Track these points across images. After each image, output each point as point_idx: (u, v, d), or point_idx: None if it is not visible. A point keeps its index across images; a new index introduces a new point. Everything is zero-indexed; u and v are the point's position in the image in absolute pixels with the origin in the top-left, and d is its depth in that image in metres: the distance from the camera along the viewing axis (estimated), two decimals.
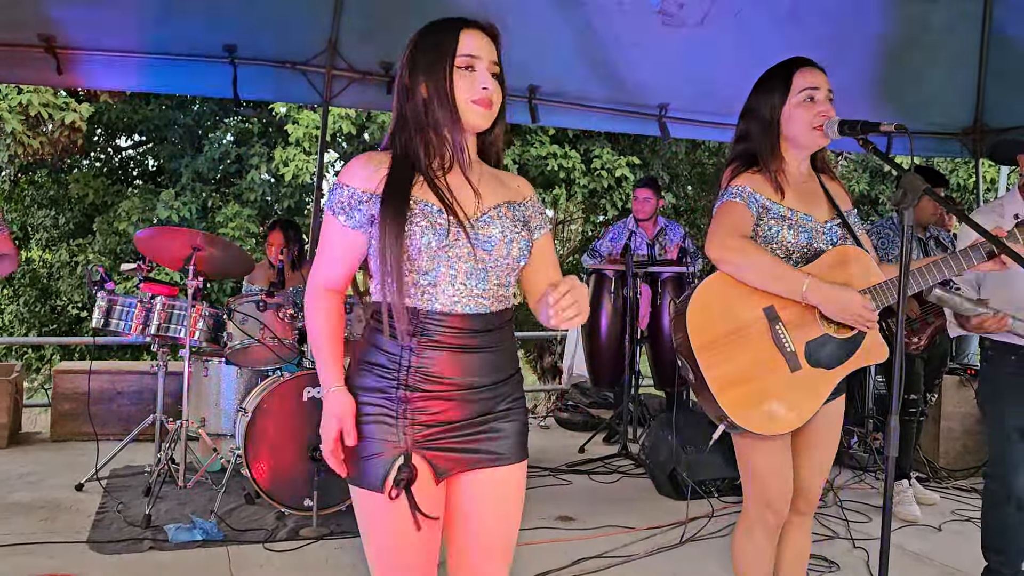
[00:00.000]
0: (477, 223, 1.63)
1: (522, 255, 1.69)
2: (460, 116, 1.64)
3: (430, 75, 1.64)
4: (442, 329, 1.61)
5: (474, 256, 1.61)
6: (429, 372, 1.61)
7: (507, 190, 1.75)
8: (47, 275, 10.79)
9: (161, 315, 4.05)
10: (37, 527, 3.58)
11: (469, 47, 1.64)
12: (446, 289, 1.61)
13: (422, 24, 1.76)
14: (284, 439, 3.64)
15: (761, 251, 2.10)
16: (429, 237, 1.57)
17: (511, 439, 1.71)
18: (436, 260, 1.59)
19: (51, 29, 4.70)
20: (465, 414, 1.65)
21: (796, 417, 2.12)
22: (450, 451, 1.64)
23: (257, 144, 9.42)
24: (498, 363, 1.69)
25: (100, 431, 4.87)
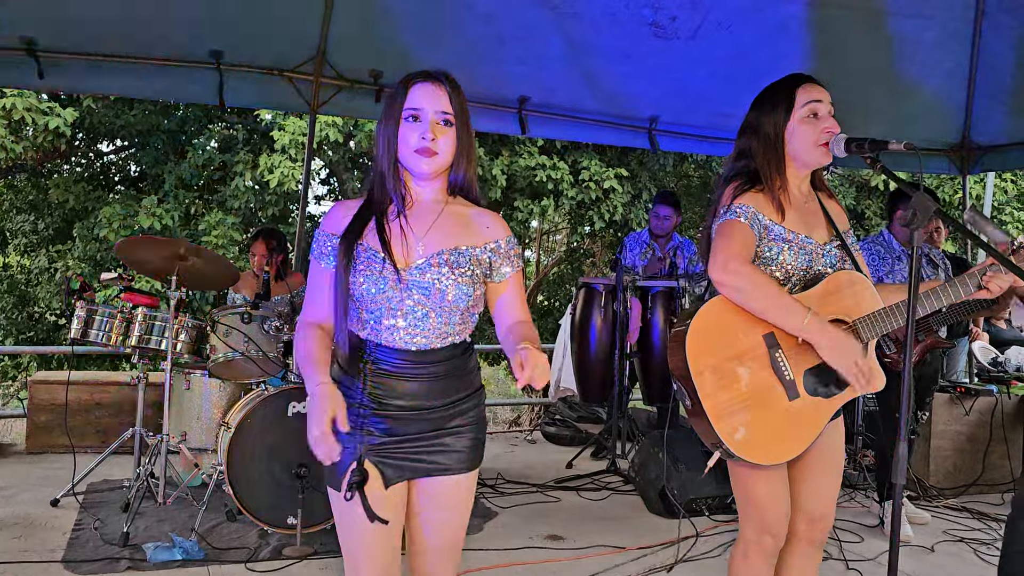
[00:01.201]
0: (414, 270, 1.81)
1: (460, 299, 1.83)
2: (403, 164, 1.84)
3: (385, 126, 1.84)
4: (390, 360, 1.83)
5: (414, 299, 1.80)
6: (380, 395, 1.83)
7: (465, 234, 1.87)
8: (25, 281, 10.61)
9: (142, 326, 3.97)
10: (10, 545, 3.47)
11: (414, 100, 1.81)
12: (389, 327, 1.81)
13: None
14: (268, 455, 3.55)
15: (766, 279, 2.05)
16: (370, 283, 1.79)
17: (460, 453, 1.89)
18: (377, 302, 1.80)
19: (33, 31, 4.61)
20: (412, 431, 1.85)
21: (793, 447, 2.07)
22: (399, 460, 1.85)
23: (242, 151, 9.31)
24: (448, 388, 1.87)
25: (77, 444, 4.76)
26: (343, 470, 1.82)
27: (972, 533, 4.19)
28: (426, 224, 1.85)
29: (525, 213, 10.10)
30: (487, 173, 9.29)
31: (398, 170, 1.85)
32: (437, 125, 1.80)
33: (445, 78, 1.84)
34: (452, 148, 1.83)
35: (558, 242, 15.00)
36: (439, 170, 1.84)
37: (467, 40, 5.16)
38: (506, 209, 10.39)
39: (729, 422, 2.02)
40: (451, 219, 1.87)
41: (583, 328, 5.24)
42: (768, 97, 2.24)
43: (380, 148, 1.85)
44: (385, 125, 1.84)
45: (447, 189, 1.90)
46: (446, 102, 1.82)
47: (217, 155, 9.69)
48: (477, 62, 5.27)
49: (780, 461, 2.09)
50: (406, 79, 1.85)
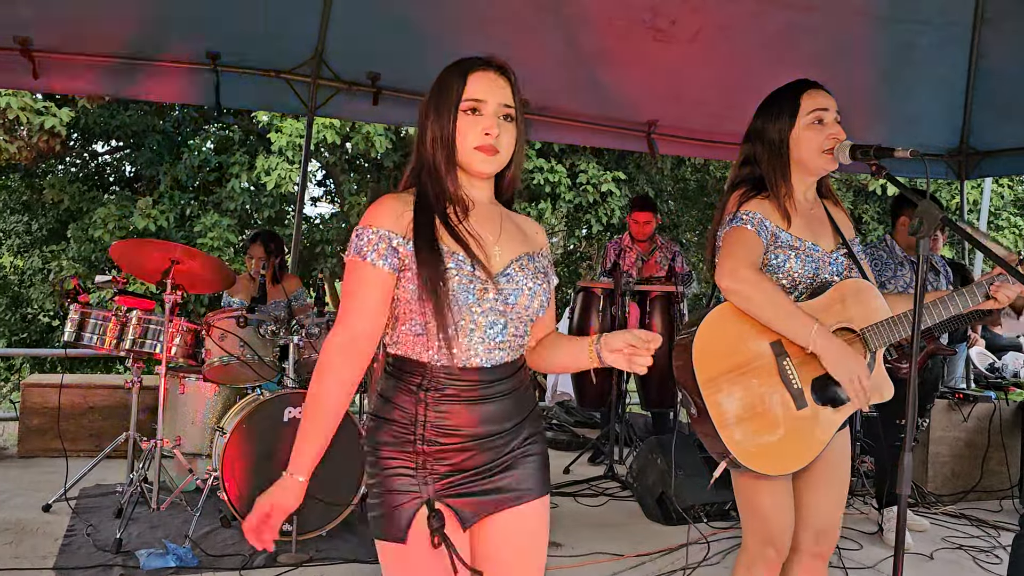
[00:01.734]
0: (502, 276, 1.62)
1: (542, 307, 1.67)
2: (460, 163, 1.63)
3: (437, 119, 1.62)
4: (456, 382, 1.59)
5: (496, 309, 1.60)
6: (444, 426, 1.59)
7: (525, 239, 1.72)
8: (18, 282, 10.56)
9: (136, 329, 3.92)
10: (1, 552, 3.42)
11: (474, 90, 1.61)
12: (463, 342, 1.58)
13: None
14: (263, 460, 3.51)
15: (775, 287, 2.02)
16: (463, 290, 1.56)
17: (531, 474, 1.68)
18: (461, 313, 1.57)
19: (27, 31, 4.57)
20: (484, 460, 1.63)
21: (801, 456, 2.05)
22: (472, 495, 1.62)
23: (238, 152, 9.28)
24: (514, 408, 1.66)
25: (70, 447, 4.72)
26: (405, 517, 1.56)
27: (971, 540, 4.17)
28: (494, 228, 1.67)
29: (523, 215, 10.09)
30: None
31: (455, 167, 1.64)
32: (499, 120, 1.61)
33: (508, 68, 1.65)
34: (512, 147, 1.64)
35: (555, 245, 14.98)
36: (498, 169, 1.66)
37: (465, 42, 5.14)
38: None
39: (736, 431, 1.99)
40: (511, 223, 1.71)
41: (580, 332, 5.22)
42: (773, 103, 2.22)
43: (430, 142, 1.63)
44: (437, 115, 1.62)
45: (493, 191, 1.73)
46: (508, 95, 1.63)
47: (213, 156, 9.66)
48: None
49: (788, 471, 2.06)
50: (463, 65, 1.64)
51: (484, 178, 1.67)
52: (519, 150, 1.68)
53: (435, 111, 1.63)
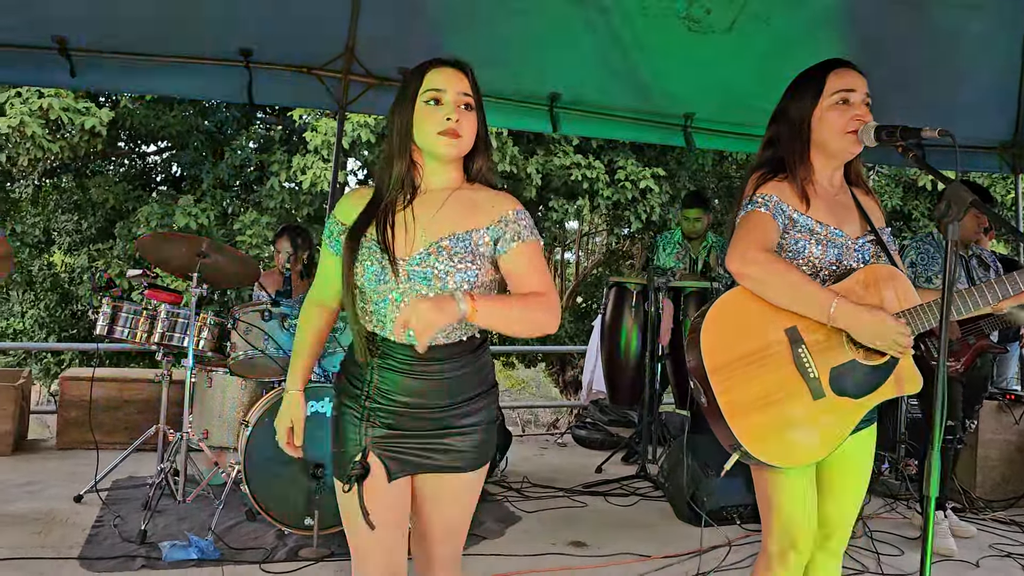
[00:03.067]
0: (412, 260, 1.76)
1: (460, 287, 1.75)
2: (417, 149, 1.79)
3: (399, 113, 1.79)
4: (395, 355, 1.80)
5: (413, 291, 1.76)
6: (385, 390, 1.81)
7: (471, 216, 1.80)
8: (68, 279, 10.81)
9: (165, 323, 3.95)
10: (29, 540, 3.47)
11: (434, 81, 1.77)
12: (392, 319, 1.78)
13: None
14: (285, 455, 3.47)
15: (787, 266, 1.92)
16: (371, 274, 1.77)
17: (465, 453, 1.85)
18: (379, 294, 1.78)
19: (64, 30, 4.64)
20: (416, 427, 1.82)
21: (817, 449, 1.94)
22: (401, 455, 1.83)
23: (278, 151, 9.36)
24: (455, 387, 1.83)
25: (106, 440, 4.80)
26: (349, 459, 1.83)
27: (1020, 548, 3.98)
28: (431, 211, 1.80)
29: (560, 213, 9.99)
30: (522, 172, 9.20)
31: (411, 157, 1.81)
32: (459, 108, 1.76)
33: (464, 64, 1.81)
34: (474, 132, 1.79)
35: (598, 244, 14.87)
36: (462, 153, 1.80)
37: (497, 35, 5.07)
38: (541, 209, 10.29)
39: (747, 421, 1.90)
40: (458, 204, 1.82)
41: (613, 329, 5.12)
42: (799, 83, 2.13)
43: (393, 132, 1.81)
44: (400, 110, 1.79)
45: (464, 176, 1.86)
46: (467, 85, 1.78)
47: (254, 156, 9.76)
48: (507, 58, 5.17)
49: (802, 463, 1.96)
50: (422, 65, 1.81)
51: (444, 162, 1.80)
52: (483, 136, 1.83)
53: (398, 106, 1.80)
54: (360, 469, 1.79)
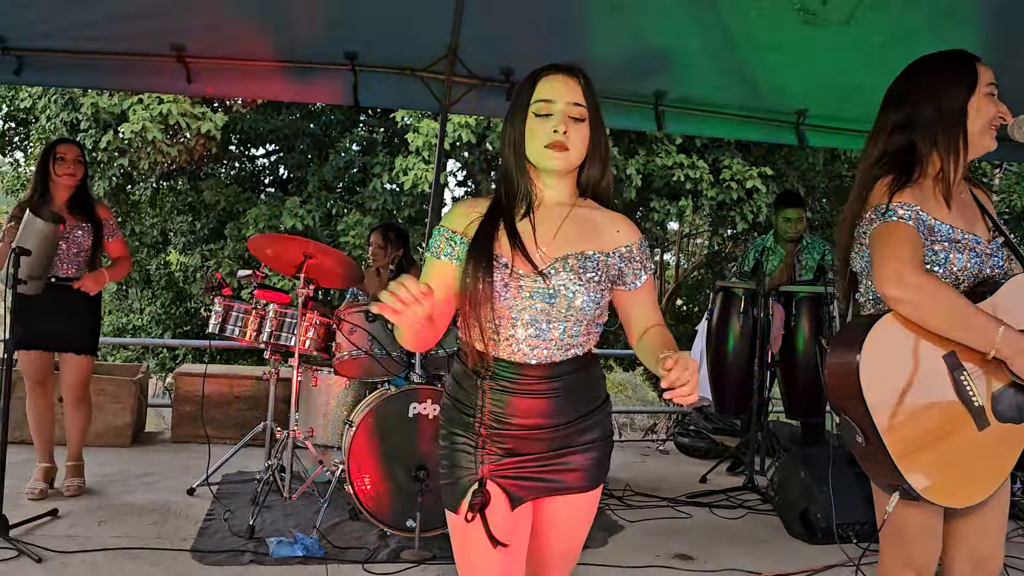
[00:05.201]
0: (538, 276, 1.69)
1: (587, 307, 1.70)
2: (530, 162, 1.73)
3: (511, 125, 1.74)
4: (509, 375, 1.72)
5: (536, 307, 1.68)
6: (500, 413, 1.73)
7: (592, 238, 1.75)
8: (182, 278, 11.29)
9: (273, 323, 4.03)
10: (147, 531, 3.59)
11: (544, 92, 1.70)
12: (509, 338, 1.71)
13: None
14: (388, 455, 3.50)
15: (948, 289, 1.75)
16: (501, 288, 1.68)
17: (583, 471, 1.78)
18: (501, 310, 1.70)
19: (182, 39, 4.81)
20: (535, 450, 1.75)
21: (987, 485, 1.77)
22: (522, 480, 1.75)
23: (380, 153, 9.52)
24: (569, 404, 1.75)
25: (217, 435, 4.94)
26: (462, 491, 1.74)
27: None
28: (552, 226, 1.74)
29: (661, 214, 9.79)
30: (621, 172, 9.05)
31: (526, 168, 1.75)
32: (569, 119, 1.69)
33: (577, 71, 1.74)
34: (584, 144, 1.72)
35: (699, 245, 14.54)
36: (570, 167, 1.73)
37: (600, 33, 4.98)
38: (641, 210, 10.11)
39: (915, 460, 1.74)
40: (578, 222, 1.76)
41: (720, 335, 4.94)
42: (942, 67, 1.93)
43: (506, 145, 1.76)
44: (512, 120, 1.74)
45: (577, 190, 1.79)
46: (579, 94, 1.71)
47: (358, 158, 9.96)
48: (610, 56, 5.07)
49: (973, 503, 1.79)
50: (535, 72, 1.75)
51: (557, 176, 1.74)
52: (596, 148, 1.74)
53: (510, 118, 1.75)
54: (483, 499, 1.70)
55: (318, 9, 4.74)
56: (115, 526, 3.62)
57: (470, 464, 1.74)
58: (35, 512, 3.60)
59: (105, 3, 4.44)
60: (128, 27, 4.63)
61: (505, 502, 1.74)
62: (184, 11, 4.60)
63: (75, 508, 3.82)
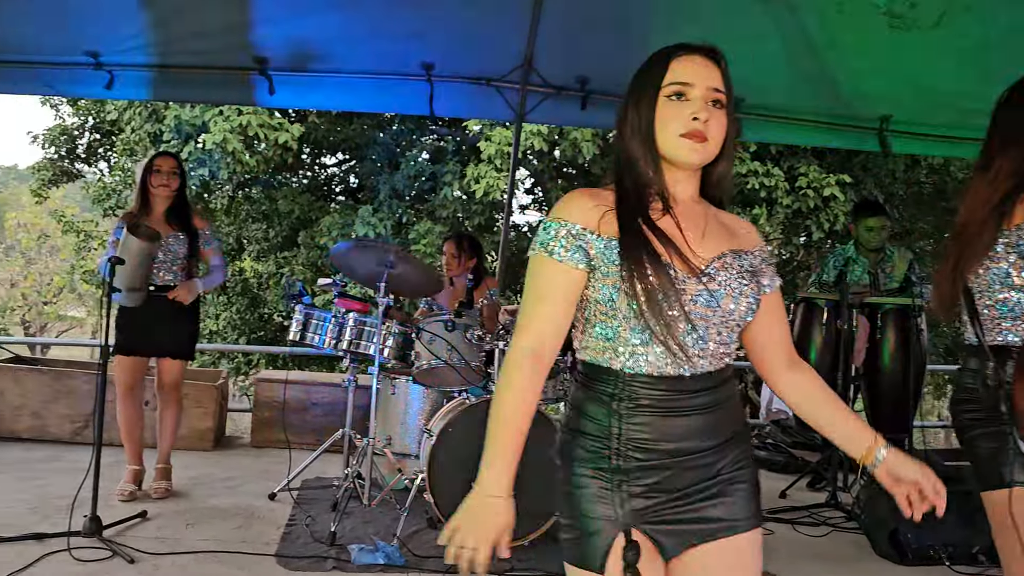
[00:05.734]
0: (703, 275, 1.46)
1: (749, 311, 1.50)
2: (663, 154, 1.49)
3: (636, 108, 1.50)
4: (651, 391, 1.45)
5: (697, 312, 1.44)
6: (640, 439, 1.45)
7: (733, 237, 1.55)
8: (257, 285, 11.55)
9: (353, 331, 4.07)
10: (232, 535, 3.66)
11: (679, 73, 1.47)
12: (656, 348, 1.44)
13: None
14: (468, 464, 3.48)
15: None
16: (655, 292, 1.40)
17: (742, 503, 1.50)
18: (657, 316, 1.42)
19: (265, 52, 4.93)
20: (686, 482, 1.47)
21: None
22: (674, 523, 1.47)
23: (451, 162, 9.62)
24: (718, 424, 1.49)
25: (294, 440, 5.03)
26: (599, 545, 1.45)
27: None
28: (698, 224, 1.51)
29: None
30: None
31: (659, 160, 1.50)
32: (708, 105, 1.46)
33: (717, 52, 1.52)
34: (722, 135, 1.49)
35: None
36: (707, 160, 1.50)
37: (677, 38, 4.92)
38: None
39: None
40: (716, 222, 1.55)
41: (801, 346, 4.81)
42: None
43: (630, 133, 1.51)
44: (636, 104, 1.50)
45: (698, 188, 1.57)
46: (718, 78, 1.48)
47: (428, 166, 10.06)
48: None
49: None
50: (665, 52, 1.51)
51: (690, 170, 1.52)
52: (729, 142, 1.52)
53: (635, 99, 1.51)
54: (634, 553, 1.43)
55: (397, 21, 4.80)
56: (202, 529, 3.71)
57: (607, 511, 1.45)
58: (125, 513, 3.72)
59: (192, 19, 4.58)
60: (214, 42, 4.77)
61: (655, 557, 1.48)
62: (267, 25, 4.71)
63: (163, 510, 3.93)
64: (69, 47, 4.77)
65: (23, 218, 25.03)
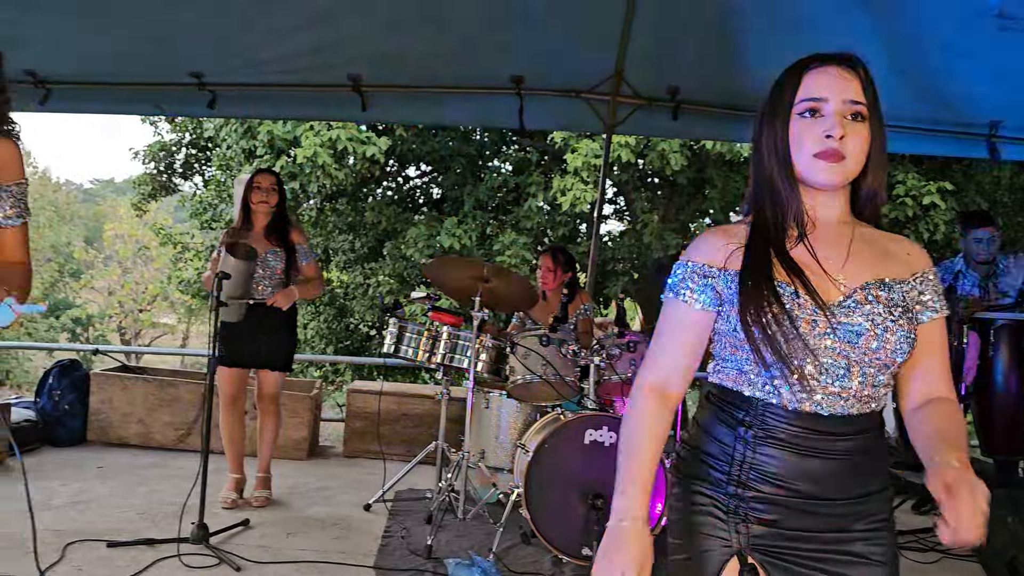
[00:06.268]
0: (839, 308, 1.39)
1: (899, 350, 1.39)
2: (799, 175, 1.43)
3: (770, 128, 1.45)
4: (786, 426, 1.40)
5: (834, 348, 1.37)
6: (765, 471, 1.41)
7: (886, 265, 1.45)
8: (343, 295, 11.79)
9: (447, 344, 4.10)
10: (330, 545, 3.72)
11: (811, 88, 1.41)
12: (794, 384, 1.38)
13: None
14: (564, 481, 3.48)
15: None
16: (783, 325, 1.36)
17: (881, 567, 1.41)
18: (789, 350, 1.37)
19: (358, 69, 5.02)
20: (809, 525, 1.41)
21: None
22: (792, 563, 1.41)
23: (534, 173, 9.63)
24: (857, 474, 1.41)
25: (386, 451, 5.08)
26: (712, 566, 1.41)
27: None
28: (840, 251, 1.43)
29: None
30: None
31: (796, 181, 1.43)
32: (844, 120, 1.38)
33: (855, 60, 1.42)
34: (864, 151, 1.40)
35: None
36: (846, 179, 1.42)
37: (772, 49, 4.80)
38: None
39: None
40: (865, 244, 1.46)
41: None
42: None
43: (765, 153, 1.45)
44: (770, 124, 1.44)
45: (850, 206, 1.48)
46: (856, 89, 1.39)
47: (511, 178, 10.09)
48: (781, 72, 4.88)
49: None
50: (797, 65, 1.44)
51: (829, 191, 1.44)
52: (876, 155, 1.42)
53: (768, 119, 1.45)
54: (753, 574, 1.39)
55: (487, 36, 4.83)
56: (301, 539, 3.78)
57: (721, 533, 1.42)
58: (228, 521, 3.82)
59: (291, 39, 4.71)
60: (311, 60, 4.89)
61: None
62: (362, 43, 4.80)
63: (264, 519, 4.02)
64: (175, 69, 4.98)
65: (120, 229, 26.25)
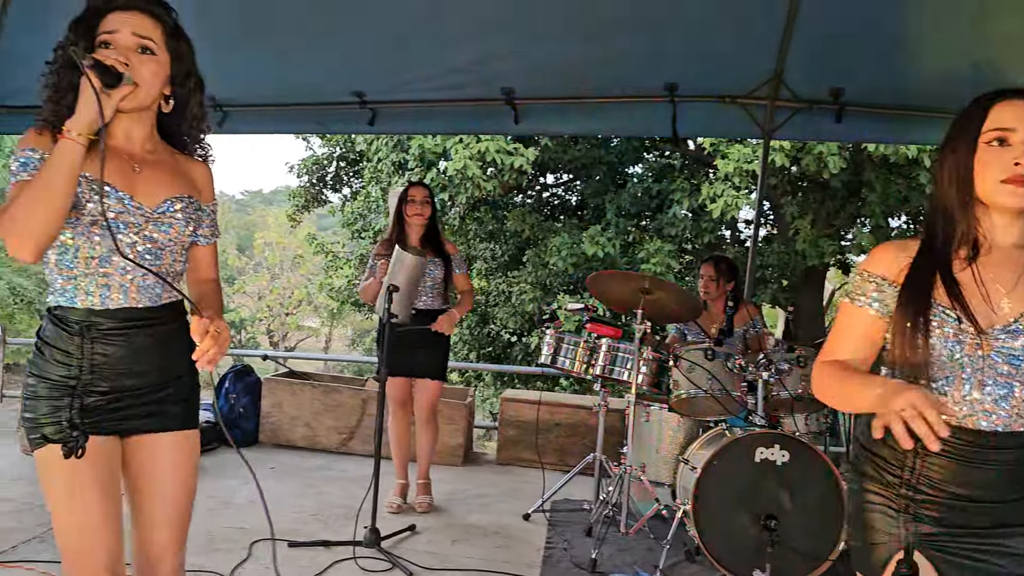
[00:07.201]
0: (1000, 332, 1.51)
1: None
2: (984, 201, 1.56)
3: (953, 155, 1.59)
4: (951, 439, 1.50)
5: (996, 369, 1.51)
6: (936, 479, 1.56)
7: None
8: (484, 302, 12.00)
9: (606, 356, 4.08)
10: (494, 554, 3.77)
11: (999, 119, 1.53)
12: (956, 399, 1.54)
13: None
14: (734, 500, 3.39)
15: None
16: (942, 348, 1.52)
17: None
18: (946, 369, 1.54)
19: (511, 82, 5.10)
20: (963, 523, 1.56)
21: None
22: (956, 556, 1.56)
23: (679, 179, 9.48)
24: (1017, 480, 1.55)
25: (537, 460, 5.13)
26: (881, 557, 1.59)
27: None
28: (1009, 274, 1.55)
29: None
30: None
31: (972, 206, 1.57)
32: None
33: None
34: None
35: None
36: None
37: (940, 43, 4.52)
38: None
39: None
40: None
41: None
42: None
43: (947, 179, 1.58)
44: (954, 151, 1.58)
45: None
46: None
47: (654, 184, 9.97)
48: (951, 70, 4.57)
49: None
50: (984, 98, 1.56)
51: (1013, 215, 1.57)
52: None
53: (952, 147, 1.59)
54: (910, 570, 1.49)
55: (639, 44, 4.79)
56: (466, 546, 3.86)
57: (892, 527, 1.59)
58: (394, 525, 3.94)
59: (447, 55, 4.84)
60: (465, 76, 5.01)
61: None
62: (512, 57, 4.87)
63: (429, 524, 4.13)
64: (339, 89, 5.21)
65: (269, 237, 27.79)
